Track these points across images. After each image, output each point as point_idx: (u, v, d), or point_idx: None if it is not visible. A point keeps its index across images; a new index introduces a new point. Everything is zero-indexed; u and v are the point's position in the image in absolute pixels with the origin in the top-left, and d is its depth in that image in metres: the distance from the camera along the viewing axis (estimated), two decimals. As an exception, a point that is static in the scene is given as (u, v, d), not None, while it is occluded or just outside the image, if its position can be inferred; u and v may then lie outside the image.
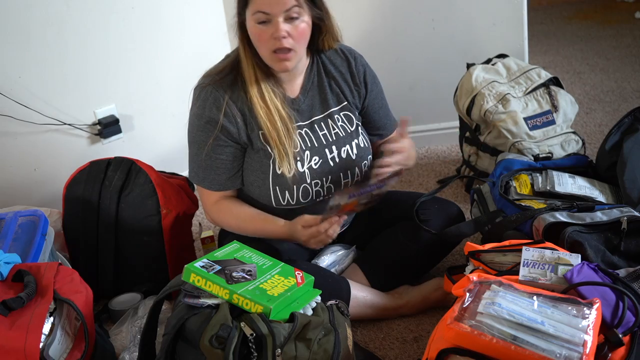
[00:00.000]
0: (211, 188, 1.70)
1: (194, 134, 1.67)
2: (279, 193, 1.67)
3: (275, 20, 1.52)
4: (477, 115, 2.28)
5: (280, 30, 1.52)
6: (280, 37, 1.52)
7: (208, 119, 1.63)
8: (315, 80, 1.72)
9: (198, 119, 1.65)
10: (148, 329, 1.43)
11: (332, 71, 1.73)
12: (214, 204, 1.73)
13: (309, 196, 1.69)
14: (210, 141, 1.63)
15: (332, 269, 1.78)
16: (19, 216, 1.74)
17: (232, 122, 1.63)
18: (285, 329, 1.24)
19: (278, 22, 1.52)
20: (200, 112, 1.64)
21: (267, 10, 1.51)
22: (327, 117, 1.72)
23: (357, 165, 1.74)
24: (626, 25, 4.18)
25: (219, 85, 1.63)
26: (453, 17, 2.59)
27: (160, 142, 2.53)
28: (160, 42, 2.47)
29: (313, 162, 1.68)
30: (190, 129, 1.68)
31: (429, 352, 1.19)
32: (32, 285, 1.41)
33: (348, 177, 1.74)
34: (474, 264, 1.47)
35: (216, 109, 1.62)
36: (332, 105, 1.73)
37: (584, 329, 1.11)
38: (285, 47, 1.54)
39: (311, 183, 1.68)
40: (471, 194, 2.03)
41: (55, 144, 2.22)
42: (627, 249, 1.51)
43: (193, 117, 1.67)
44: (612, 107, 2.96)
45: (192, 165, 1.71)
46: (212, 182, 1.69)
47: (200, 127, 1.65)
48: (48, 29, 2.14)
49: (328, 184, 1.71)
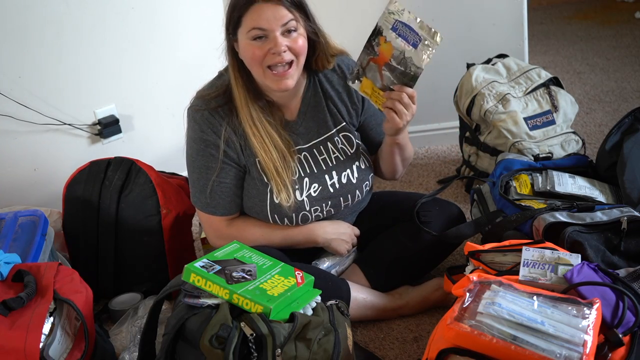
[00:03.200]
0: (216, 213, 1.66)
1: (193, 158, 1.64)
2: (277, 220, 1.66)
3: (272, 35, 1.48)
4: (477, 115, 2.28)
5: (279, 45, 1.48)
6: (280, 52, 1.48)
7: (207, 143, 1.60)
8: (313, 102, 1.69)
9: (197, 143, 1.61)
10: (148, 329, 1.43)
11: (329, 90, 1.69)
12: (226, 227, 1.68)
13: (308, 221, 1.70)
14: (212, 165, 1.61)
15: (333, 270, 1.78)
16: (19, 216, 1.74)
17: (232, 147, 1.61)
18: (285, 329, 1.24)
19: (276, 37, 1.48)
20: (198, 136, 1.61)
21: (264, 25, 1.47)
22: (326, 140, 1.69)
23: (357, 188, 1.73)
24: (626, 25, 4.18)
25: (215, 111, 1.59)
26: (453, 17, 2.59)
27: (160, 142, 2.53)
28: (160, 42, 2.47)
29: (312, 190, 1.66)
30: (189, 153, 1.65)
31: (429, 352, 1.19)
32: (32, 285, 1.41)
33: (348, 200, 1.73)
34: (474, 264, 1.47)
35: (214, 134, 1.59)
36: (331, 127, 1.70)
37: (584, 329, 1.11)
38: (285, 61, 1.51)
39: (310, 210, 1.68)
40: (471, 194, 2.03)
41: (55, 144, 2.22)
42: (627, 249, 1.51)
43: (191, 142, 1.63)
44: (612, 107, 2.96)
45: (193, 190, 1.68)
46: (217, 207, 1.66)
47: (199, 151, 1.61)
48: (48, 29, 2.14)
49: (328, 208, 1.70)
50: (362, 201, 1.80)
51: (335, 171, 1.69)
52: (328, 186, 1.68)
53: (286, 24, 1.49)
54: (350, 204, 1.74)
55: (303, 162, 1.67)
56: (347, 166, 1.71)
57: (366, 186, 1.75)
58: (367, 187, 1.76)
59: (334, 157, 1.70)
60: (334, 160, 1.69)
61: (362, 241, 1.84)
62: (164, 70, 2.49)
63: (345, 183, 1.70)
